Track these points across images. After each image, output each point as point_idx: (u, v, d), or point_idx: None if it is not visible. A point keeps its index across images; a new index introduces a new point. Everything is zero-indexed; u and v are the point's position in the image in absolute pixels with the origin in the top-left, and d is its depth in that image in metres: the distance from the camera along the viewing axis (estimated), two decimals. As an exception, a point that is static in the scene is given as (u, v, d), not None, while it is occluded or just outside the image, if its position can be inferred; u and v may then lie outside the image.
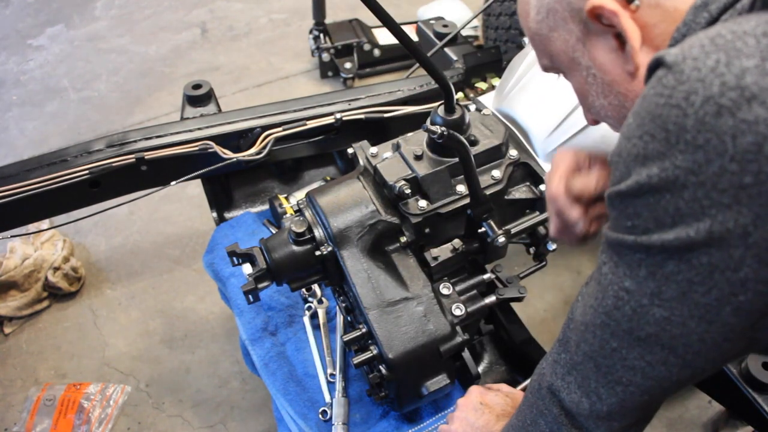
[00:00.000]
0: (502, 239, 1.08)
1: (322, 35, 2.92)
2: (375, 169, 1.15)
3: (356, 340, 1.10)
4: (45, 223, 2.07)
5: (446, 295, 1.12)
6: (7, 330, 1.97)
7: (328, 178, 1.85)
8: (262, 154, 1.57)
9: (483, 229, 1.09)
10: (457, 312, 1.09)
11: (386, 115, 1.66)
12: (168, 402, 1.80)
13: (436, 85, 1.31)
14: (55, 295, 2.06)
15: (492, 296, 1.19)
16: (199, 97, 1.74)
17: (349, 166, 1.34)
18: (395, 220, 1.12)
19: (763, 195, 0.47)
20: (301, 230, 1.13)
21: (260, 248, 1.16)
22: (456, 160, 1.12)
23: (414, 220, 1.11)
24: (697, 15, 0.59)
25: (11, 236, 1.62)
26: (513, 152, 1.22)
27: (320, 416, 1.25)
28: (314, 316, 1.44)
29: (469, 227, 1.13)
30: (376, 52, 2.96)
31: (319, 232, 1.14)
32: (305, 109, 1.64)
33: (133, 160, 1.50)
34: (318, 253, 1.12)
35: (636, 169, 0.54)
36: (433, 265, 1.14)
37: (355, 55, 2.94)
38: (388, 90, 1.72)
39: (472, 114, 1.22)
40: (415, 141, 1.18)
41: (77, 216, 1.56)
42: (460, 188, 1.14)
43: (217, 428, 1.74)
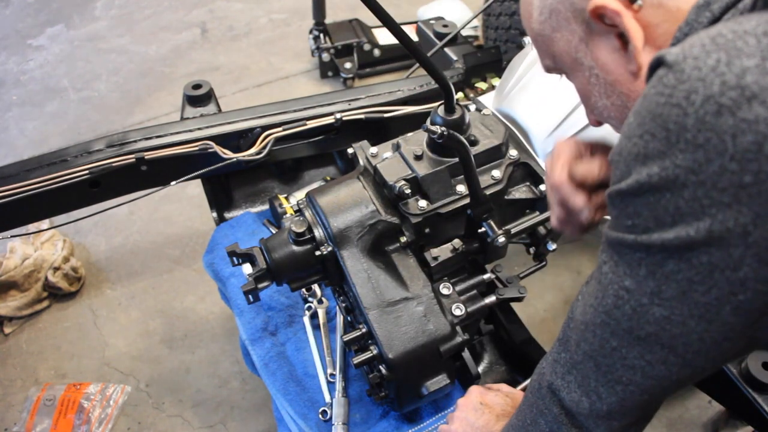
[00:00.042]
0: (502, 239, 1.08)
1: (322, 35, 2.92)
2: (375, 169, 1.15)
3: (356, 340, 1.10)
4: (45, 223, 2.07)
5: (446, 295, 1.12)
6: (7, 330, 1.97)
7: (328, 178, 1.85)
8: (262, 154, 1.57)
9: (483, 229, 1.09)
10: (457, 312, 1.09)
11: (386, 115, 1.66)
12: (168, 402, 1.80)
13: (436, 85, 1.31)
14: (55, 295, 2.06)
15: (492, 296, 1.19)
16: (199, 97, 1.74)
17: (349, 166, 1.34)
18: (395, 220, 1.12)
19: (763, 194, 0.47)
20: (301, 230, 1.13)
21: (260, 248, 1.16)
22: (456, 160, 1.12)
23: (414, 220, 1.11)
24: (700, 14, 0.59)
25: (11, 236, 1.62)
26: (513, 152, 1.22)
27: (320, 416, 1.25)
28: (314, 316, 1.44)
29: (469, 227, 1.13)
30: (376, 52, 2.95)
31: (319, 232, 1.14)
32: (305, 109, 1.64)
33: (133, 160, 1.50)
34: (318, 253, 1.12)
35: (636, 168, 0.54)
36: (433, 265, 1.14)
37: (355, 55, 2.94)
38: (388, 90, 1.72)
39: (472, 114, 1.22)
40: (415, 141, 1.18)
41: (77, 216, 1.56)
42: (460, 188, 1.14)
43: (217, 428, 1.74)
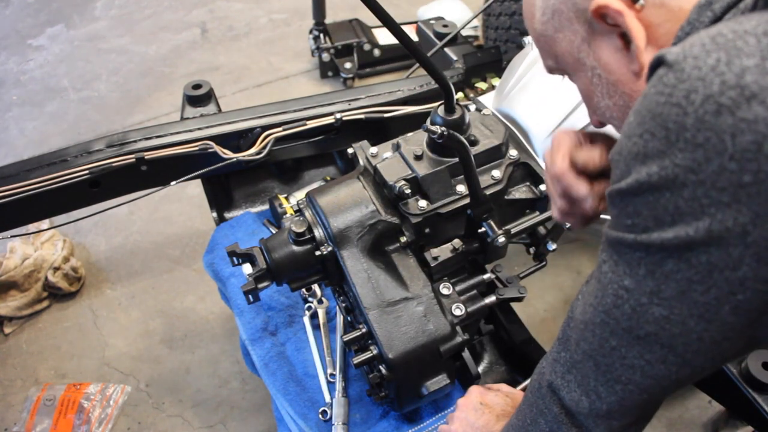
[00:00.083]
0: (502, 239, 1.08)
1: (322, 35, 2.92)
2: (375, 169, 1.15)
3: (356, 340, 1.10)
4: (45, 223, 2.07)
5: (446, 295, 1.12)
6: (7, 330, 1.97)
7: (328, 178, 1.85)
8: (262, 154, 1.57)
9: (483, 229, 1.09)
10: (457, 312, 1.09)
11: (386, 115, 1.66)
12: (168, 402, 1.80)
13: (436, 85, 1.31)
14: (55, 295, 2.06)
15: (492, 296, 1.19)
16: (199, 97, 1.74)
17: (349, 166, 1.34)
18: (395, 220, 1.12)
19: (762, 194, 0.47)
20: (301, 230, 1.13)
21: (260, 248, 1.16)
22: (456, 160, 1.12)
23: (414, 220, 1.11)
24: (701, 14, 0.59)
25: (11, 236, 1.62)
26: (513, 152, 1.22)
27: (320, 416, 1.25)
28: (314, 316, 1.44)
29: (469, 227, 1.13)
30: (376, 52, 2.95)
31: (319, 232, 1.14)
32: (305, 109, 1.64)
33: (133, 160, 1.50)
34: (318, 253, 1.12)
35: (636, 168, 0.54)
36: (433, 265, 1.14)
37: (355, 55, 2.94)
38: (388, 90, 1.72)
39: (472, 114, 1.22)
40: (415, 141, 1.18)
41: (77, 216, 1.56)
42: (460, 188, 1.14)
43: (217, 428, 1.74)
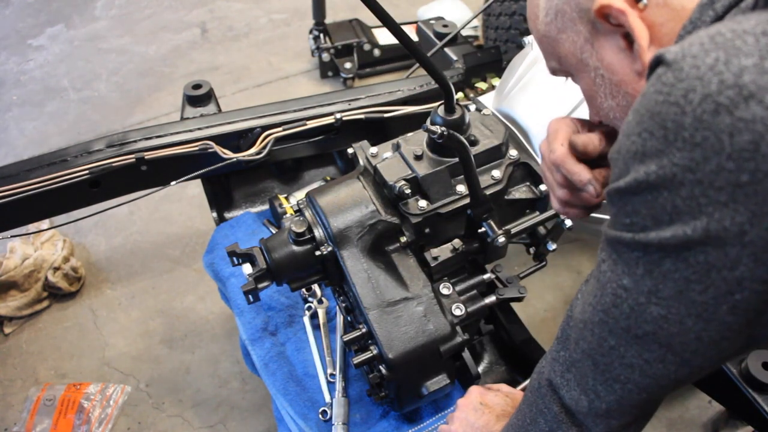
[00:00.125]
0: (502, 239, 1.08)
1: (322, 35, 2.92)
2: (375, 169, 1.15)
3: (356, 340, 1.10)
4: (45, 223, 2.08)
5: (446, 295, 1.12)
6: (7, 330, 1.97)
7: (328, 178, 1.85)
8: (262, 154, 1.57)
9: (483, 229, 1.09)
10: (457, 312, 1.09)
11: (386, 115, 1.66)
12: (168, 402, 1.80)
13: (436, 85, 1.31)
14: (55, 295, 2.06)
15: (492, 296, 1.19)
16: (199, 97, 1.74)
17: (349, 166, 1.34)
18: (395, 220, 1.12)
19: (760, 193, 0.47)
20: (301, 230, 1.13)
21: (260, 248, 1.16)
22: (456, 160, 1.12)
23: (414, 220, 1.11)
24: (703, 13, 0.59)
25: (11, 236, 1.62)
26: (513, 152, 1.22)
27: (320, 416, 1.25)
28: (314, 316, 1.44)
29: (469, 227, 1.13)
30: (376, 52, 2.95)
31: (319, 232, 1.14)
32: (305, 109, 1.64)
33: (133, 160, 1.50)
34: (318, 253, 1.12)
35: (634, 166, 0.54)
36: (433, 265, 1.15)
37: (355, 55, 2.94)
38: (388, 90, 1.72)
39: (472, 114, 1.22)
40: (415, 141, 1.18)
41: (77, 216, 1.56)
42: (460, 188, 1.14)
43: (217, 428, 1.74)
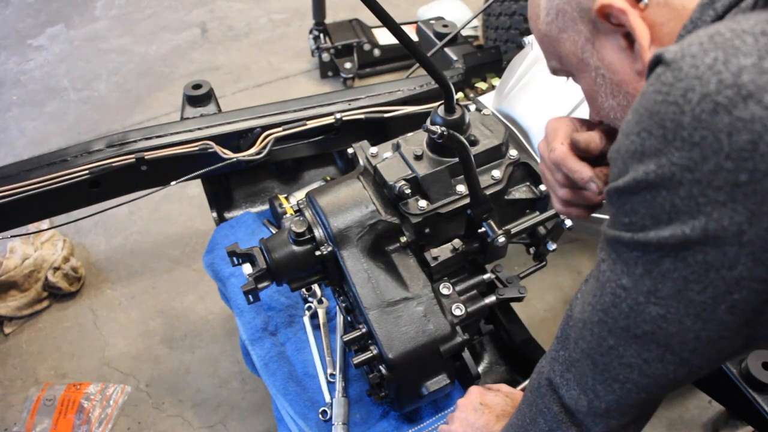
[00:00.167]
0: (502, 239, 1.08)
1: (322, 35, 2.92)
2: (375, 169, 1.15)
3: (356, 340, 1.10)
4: (45, 223, 2.08)
5: (446, 295, 1.12)
6: (7, 330, 1.97)
7: (328, 178, 1.85)
8: (262, 154, 1.57)
9: (483, 229, 1.09)
10: (457, 312, 1.09)
11: (386, 115, 1.66)
12: (168, 402, 1.80)
13: (436, 85, 1.31)
14: (55, 295, 2.06)
15: (492, 296, 1.19)
16: (199, 97, 1.74)
17: (349, 166, 1.34)
18: (395, 220, 1.12)
19: (758, 193, 0.47)
20: (301, 230, 1.13)
21: (260, 248, 1.16)
22: (456, 160, 1.12)
23: (414, 220, 1.11)
24: (704, 12, 0.59)
25: (11, 236, 1.62)
26: (513, 152, 1.22)
27: (320, 416, 1.25)
28: (314, 316, 1.44)
29: (469, 227, 1.13)
30: (376, 52, 2.95)
31: (319, 232, 1.14)
32: (305, 109, 1.64)
33: (133, 160, 1.50)
34: (318, 253, 1.12)
35: (633, 166, 0.54)
36: (433, 265, 1.15)
37: (355, 55, 2.94)
38: (388, 90, 1.72)
39: (472, 114, 1.22)
40: (415, 141, 1.18)
41: (77, 216, 1.56)
42: (460, 188, 1.14)
43: (217, 428, 1.74)
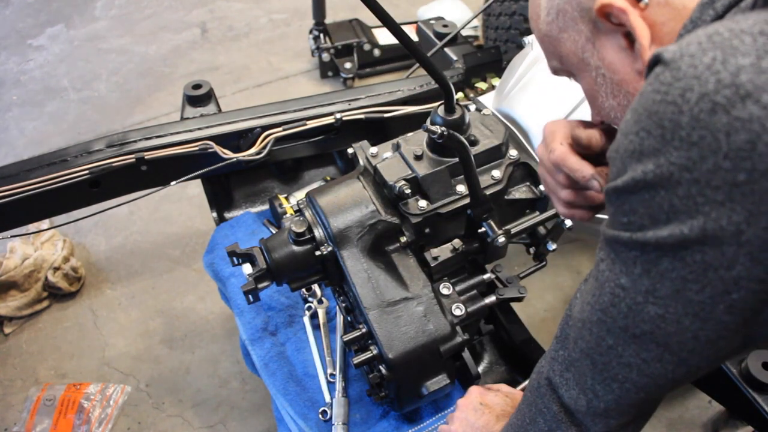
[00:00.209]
0: (502, 239, 1.08)
1: (322, 35, 2.92)
2: (375, 169, 1.15)
3: (356, 340, 1.10)
4: (45, 223, 2.08)
5: (446, 295, 1.12)
6: (7, 330, 1.97)
7: (328, 178, 1.85)
8: (262, 154, 1.57)
9: (483, 229, 1.09)
10: (457, 312, 1.09)
11: (386, 115, 1.66)
12: (168, 402, 1.80)
13: (436, 85, 1.31)
14: (55, 295, 2.06)
15: (492, 296, 1.19)
16: (199, 97, 1.74)
17: (349, 166, 1.34)
18: (395, 220, 1.12)
19: (756, 193, 0.47)
20: (301, 230, 1.13)
21: (260, 248, 1.16)
22: (456, 160, 1.12)
23: (414, 220, 1.11)
24: (704, 12, 0.59)
25: (11, 236, 1.62)
26: (513, 152, 1.22)
27: (320, 416, 1.25)
28: (314, 316, 1.44)
29: (469, 227, 1.13)
30: (376, 52, 2.95)
31: (319, 232, 1.14)
32: (305, 109, 1.64)
33: (133, 160, 1.50)
34: (318, 253, 1.12)
35: (632, 165, 0.54)
36: (433, 265, 1.15)
37: (355, 55, 2.94)
38: (388, 90, 1.72)
39: (472, 114, 1.22)
40: (415, 141, 1.18)
41: (77, 216, 1.56)
42: (460, 188, 1.14)
43: (217, 428, 1.74)
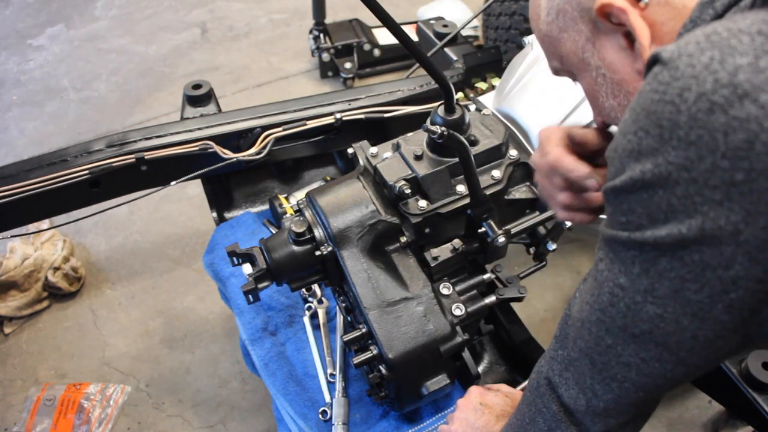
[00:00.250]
0: (502, 239, 1.08)
1: (322, 35, 2.92)
2: (375, 169, 1.15)
3: (356, 340, 1.10)
4: (45, 223, 2.08)
5: (446, 295, 1.12)
6: (7, 330, 1.97)
7: (328, 178, 1.85)
8: (262, 154, 1.57)
9: (483, 229, 1.10)
10: (457, 312, 1.09)
11: (386, 115, 1.66)
12: (168, 402, 1.80)
13: (436, 85, 1.31)
14: (55, 295, 2.06)
15: (492, 296, 1.19)
16: (199, 97, 1.74)
17: (349, 166, 1.34)
18: (395, 220, 1.12)
19: (754, 192, 0.47)
20: (301, 230, 1.13)
21: (260, 248, 1.16)
22: (456, 160, 1.12)
23: (414, 220, 1.11)
24: (703, 12, 0.59)
25: (11, 236, 1.62)
26: (513, 152, 1.22)
27: (320, 416, 1.25)
28: (314, 316, 1.44)
29: (469, 227, 1.13)
30: (376, 52, 2.95)
31: (319, 232, 1.14)
32: (305, 109, 1.64)
33: (133, 160, 1.50)
34: (318, 253, 1.12)
35: (630, 165, 0.54)
36: (433, 265, 1.15)
37: (355, 55, 2.94)
38: (388, 90, 1.72)
39: (472, 114, 1.22)
40: (415, 141, 1.18)
41: (77, 216, 1.56)
42: (460, 188, 1.14)
43: (217, 428, 1.74)
